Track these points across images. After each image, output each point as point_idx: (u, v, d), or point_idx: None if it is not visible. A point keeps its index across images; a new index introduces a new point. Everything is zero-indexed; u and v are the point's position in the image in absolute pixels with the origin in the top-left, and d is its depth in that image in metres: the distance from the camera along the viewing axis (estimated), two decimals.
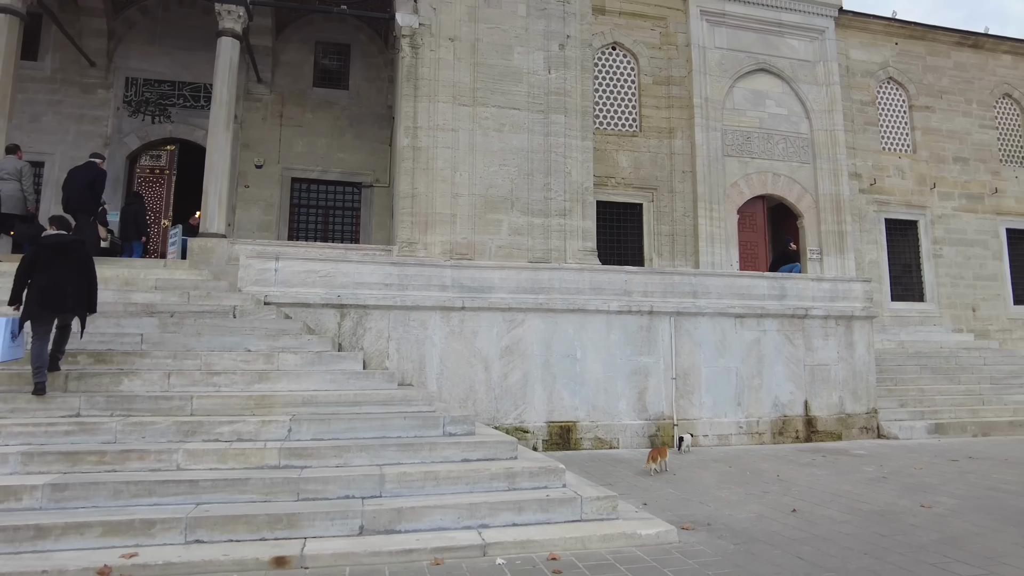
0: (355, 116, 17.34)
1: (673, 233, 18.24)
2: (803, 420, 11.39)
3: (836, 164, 19.42)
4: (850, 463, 8.99)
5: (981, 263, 20.65)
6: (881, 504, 6.40)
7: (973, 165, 21.19)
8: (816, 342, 11.65)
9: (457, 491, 5.58)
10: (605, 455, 9.77)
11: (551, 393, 10.38)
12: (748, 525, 5.63)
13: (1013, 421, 12.16)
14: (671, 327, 10.96)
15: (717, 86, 18.87)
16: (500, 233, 13.20)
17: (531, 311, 10.48)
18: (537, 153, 13.64)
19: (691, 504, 6.46)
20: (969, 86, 21.75)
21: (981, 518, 5.84)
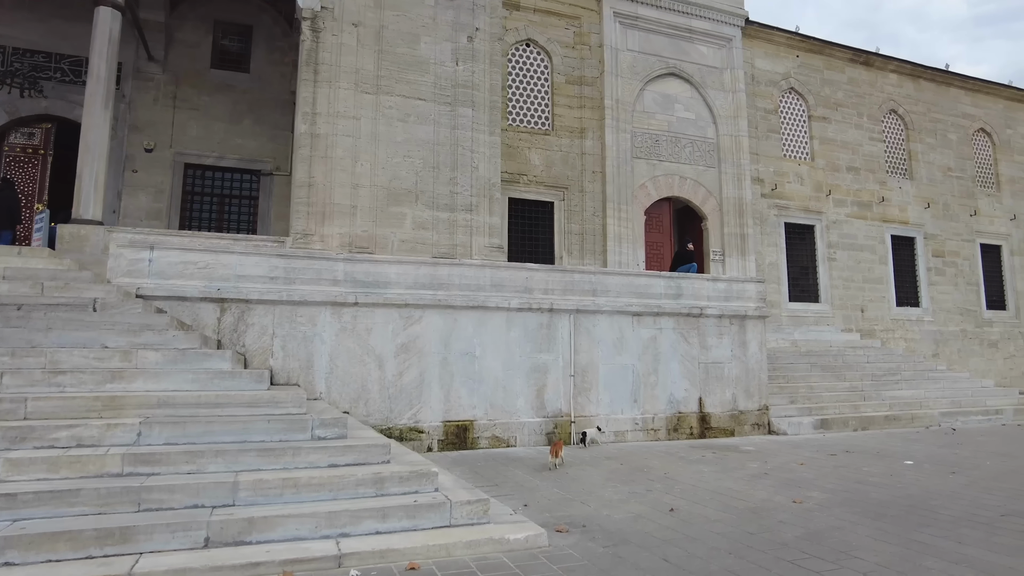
0: (256, 101, 16.47)
1: (583, 232, 18.35)
2: (697, 417, 11.62)
3: (740, 169, 20.10)
4: (737, 459, 9.18)
5: (869, 267, 21.90)
6: (757, 501, 6.49)
7: (863, 175, 22.44)
8: (711, 340, 11.90)
9: (319, 498, 5.22)
10: (501, 454, 9.59)
11: (448, 392, 10.11)
12: (624, 526, 5.54)
13: (888, 415, 12.85)
14: (571, 325, 10.92)
15: (628, 88, 19.13)
16: (403, 227, 12.81)
17: (429, 308, 10.16)
18: (443, 146, 13.32)
19: (573, 504, 6.34)
20: (861, 100, 23.02)
21: (845, 512, 5.99)
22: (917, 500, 6.51)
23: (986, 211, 24.84)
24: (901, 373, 15.42)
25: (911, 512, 6.00)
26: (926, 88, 24.54)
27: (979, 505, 6.31)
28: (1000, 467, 8.50)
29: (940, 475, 7.93)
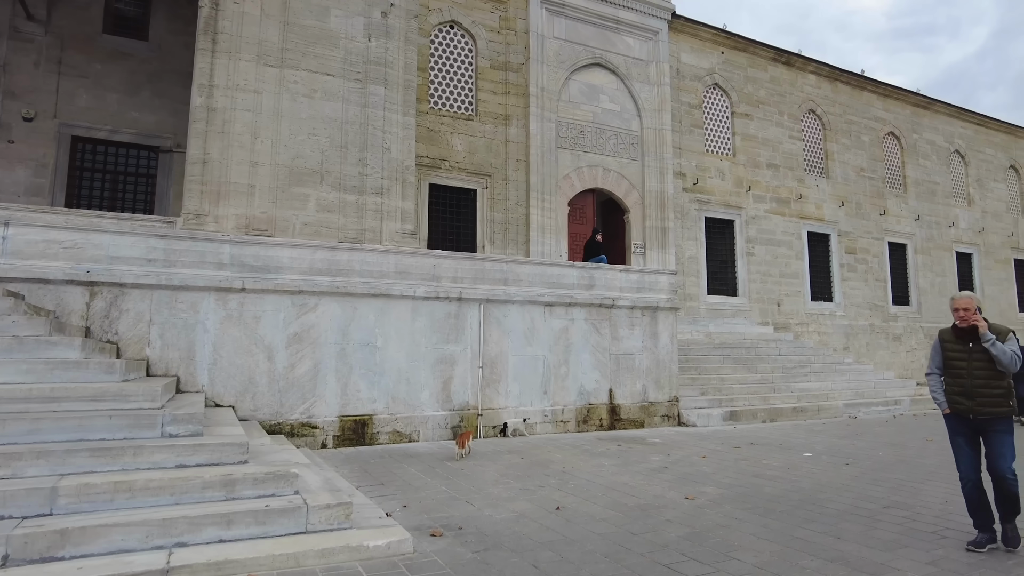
0: (156, 72, 15.28)
1: (506, 221, 17.99)
2: (607, 408, 11.45)
3: (663, 162, 20.16)
4: (641, 452, 9.01)
5: (786, 262, 22.45)
6: (649, 497, 6.26)
7: (783, 172, 22.96)
8: (622, 331, 11.75)
9: (158, 504, 4.62)
10: (401, 450, 9.11)
11: (346, 385, 9.54)
12: (503, 527, 5.18)
13: (796, 407, 13.07)
14: (480, 314, 10.52)
15: (554, 77, 18.85)
16: (307, 209, 12.08)
17: (326, 295, 9.56)
18: (353, 125, 12.65)
19: (457, 504, 5.95)
20: (782, 99, 23.53)
21: (735, 508, 5.83)
22: (808, 494, 6.44)
23: (894, 211, 25.92)
24: (811, 365, 15.78)
25: (800, 507, 5.89)
26: (842, 91, 25.34)
27: (865, 497, 6.27)
28: (891, 457, 8.63)
29: (835, 467, 7.95)
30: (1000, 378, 4.69)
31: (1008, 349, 4.60)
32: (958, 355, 4.84)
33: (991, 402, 4.69)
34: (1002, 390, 4.69)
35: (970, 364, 4.77)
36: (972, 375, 4.74)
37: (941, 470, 7.74)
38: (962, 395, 4.78)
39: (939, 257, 27.13)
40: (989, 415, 4.69)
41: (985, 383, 4.71)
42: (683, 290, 20.12)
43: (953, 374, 4.86)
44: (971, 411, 4.74)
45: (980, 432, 4.81)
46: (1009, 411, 4.68)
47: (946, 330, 5.03)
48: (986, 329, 4.68)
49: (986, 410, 4.70)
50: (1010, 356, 4.57)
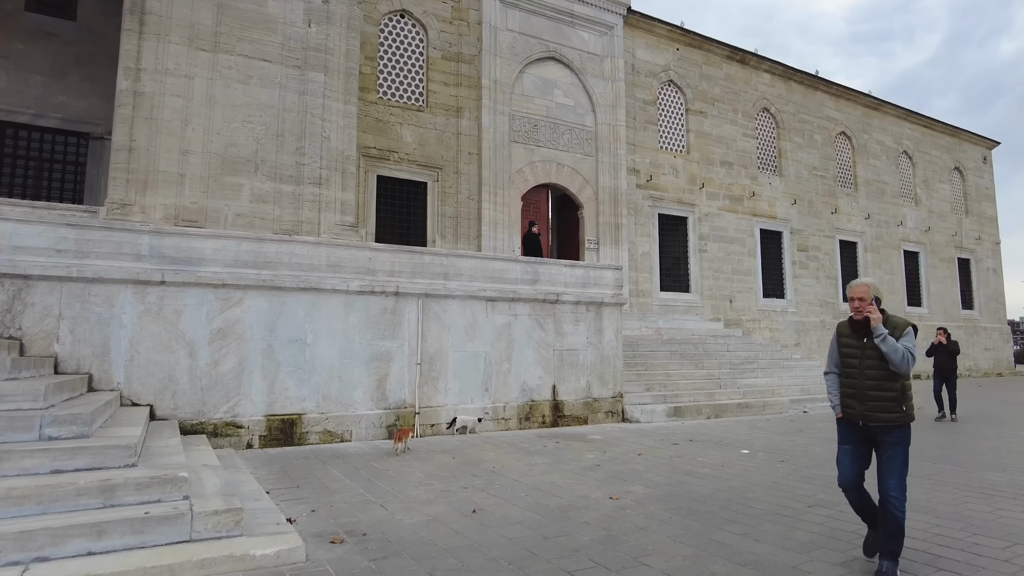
0: (85, 54, 14.55)
1: (457, 215, 17.68)
2: (551, 405, 11.25)
3: (616, 159, 20.08)
4: (577, 450, 8.81)
5: (739, 259, 22.61)
6: (573, 497, 6.05)
7: (736, 169, 23.11)
8: (567, 327, 11.56)
9: (22, 514, 4.21)
10: (330, 450, 8.75)
11: (273, 383, 9.13)
12: (410, 532, 4.90)
13: (741, 403, 13.07)
14: (419, 310, 10.20)
15: (507, 69, 18.59)
16: (240, 199, 11.60)
17: (253, 288, 9.12)
18: (290, 112, 12.19)
19: (370, 507, 5.64)
20: (736, 97, 23.67)
21: (658, 508, 5.65)
22: (736, 493, 6.30)
23: (845, 209, 26.35)
24: (758, 361, 15.84)
25: (725, 507, 5.74)
26: (796, 90, 25.64)
27: (793, 496, 6.16)
28: (827, 453, 8.59)
29: (769, 464, 7.86)
30: (892, 379, 4.03)
31: (901, 346, 3.94)
32: (852, 351, 4.20)
33: (882, 407, 4.04)
34: (894, 393, 4.03)
35: (862, 362, 4.12)
36: (864, 375, 4.10)
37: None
38: (853, 398, 4.15)
39: (888, 255, 27.71)
40: (880, 422, 4.05)
41: (876, 384, 4.06)
42: (636, 286, 20.09)
43: (846, 373, 4.23)
44: (861, 416, 4.11)
45: (872, 443, 4.16)
46: (900, 418, 4.02)
47: (843, 323, 4.35)
48: (879, 322, 4.01)
49: (877, 415, 4.05)
50: (901, 354, 3.93)
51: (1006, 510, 5.66)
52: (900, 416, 4.03)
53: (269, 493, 6.10)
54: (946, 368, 12.64)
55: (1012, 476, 7.15)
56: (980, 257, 31.67)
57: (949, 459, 8.27)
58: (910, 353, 3.96)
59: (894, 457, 4.05)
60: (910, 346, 3.99)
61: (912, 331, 4.05)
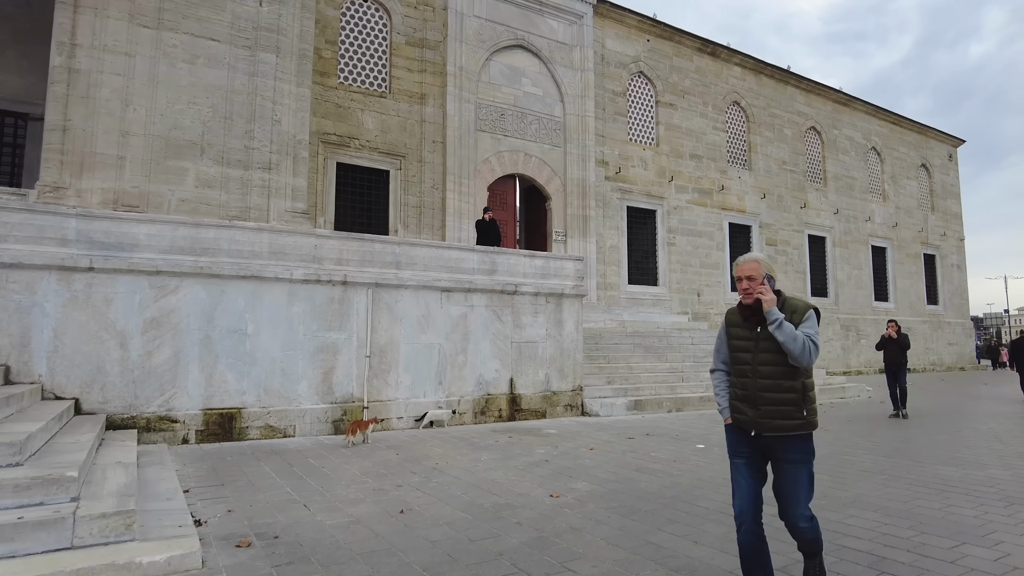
0: (24, 31, 13.83)
1: (421, 205, 17.27)
2: (507, 398, 10.94)
3: (585, 150, 19.80)
4: (528, 445, 8.52)
5: (707, 252, 22.51)
6: (511, 496, 5.74)
7: (706, 163, 22.98)
8: (525, 319, 11.25)
9: None
10: (270, 445, 8.34)
11: (211, 375, 8.68)
12: (327, 535, 4.55)
13: (704, 396, 12.88)
14: (368, 300, 9.80)
15: (473, 57, 18.18)
16: (185, 184, 11.07)
17: (190, 276, 8.66)
18: (239, 94, 11.67)
19: (292, 508, 5.27)
20: (707, 90, 23.52)
21: (598, 507, 5.36)
22: (684, 490, 6.04)
23: (814, 204, 26.42)
24: None
25: (670, 505, 5.47)
26: (767, 84, 25.58)
27: None
28: None
29: (723, 460, 7.60)
30: (792, 377, 3.19)
31: (801, 334, 3.12)
32: (743, 343, 3.34)
33: (779, 412, 3.18)
34: (793, 395, 3.19)
35: (756, 356, 3.26)
36: (757, 372, 3.25)
37: (827, 461, 7.52)
38: (745, 400, 3.30)
39: (856, 250, 27.87)
40: (777, 431, 3.19)
41: (773, 384, 3.20)
42: (604, 279, 19.87)
43: (737, 371, 3.37)
44: (753, 424, 3.25)
45: (768, 456, 3.31)
46: (802, 426, 3.19)
47: (732, 310, 3.49)
48: (773, 305, 3.19)
49: (773, 423, 3.18)
50: (802, 344, 3.10)
51: (957, 507, 5.47)
52: (801, 423, 3.19)
53: (188, 492, 5.70)
54: (896, 363, 12.10)
55: (965, 471, 7.01)
56: (945, 253, 32.05)
57: (905, 453, 8.13)
58: (812, 342, 3.13)
59: (798, 480, 3.22)
60: (812, 334, 3.16)
61: (814, 316, 3.26)
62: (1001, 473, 6.89)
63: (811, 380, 3.29)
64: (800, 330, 3.16)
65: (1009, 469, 7.10)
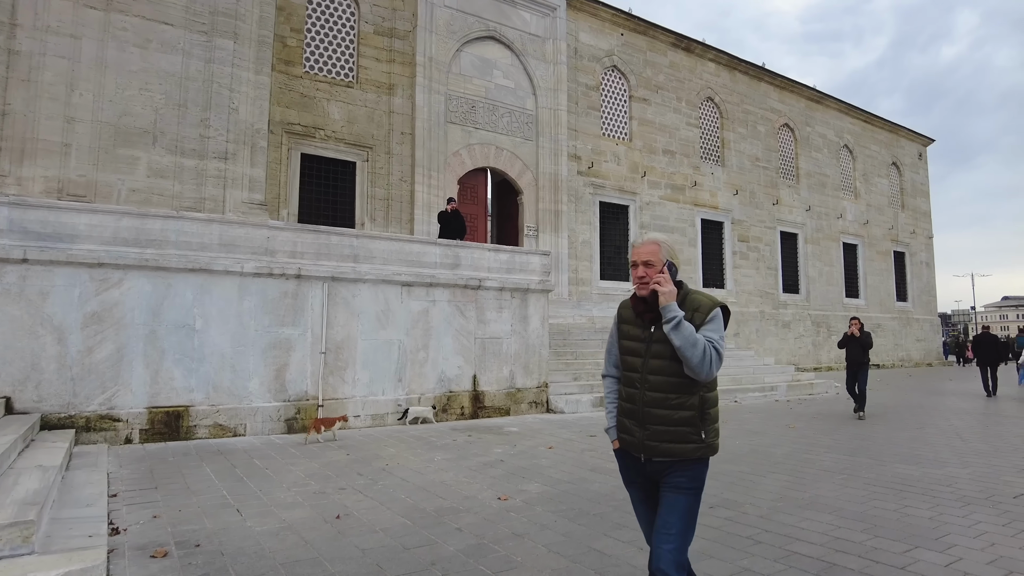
0: None
1: (388, 198, 16.93)
2: (470, 396, 10.71)
3: (557, 144, 19.59)
4: (487, 444, 8.29)
5: (679, 249, 22.40)
6: (458, 499, 5.51)
7: (678, 159, 22.90)
8: (490, 314, 11.02)
9: None
10: (217, 445, 8.02)
11: (157, 372, 8.33)
12: (252, 543, 4.28)
13: None
14: (324, 294, 9.49)
15: (444, 47, 17.86)
16: (136, 174, 10.66)
17: (134, 269, 8.28)
18: (194, 81, 11.27)
19: (223, 513, 4.99)
20: (681, 85, 23.43)
21: (546, 511, 5.15)
22: None
23: (787, 201, 26.51)
24: None
25: (621, 508, 5.28)
26: (740, 80, 25.57)
27: None
28: (744, 447, 8.29)
29: None
30: (686, 390, 2.55)
31: (702, 338, 2.49)
32: (634, 345, 2.69)
33: (671, 434, 2.55)
34: (689, 413, 2.55)
35: (646, 363, 2.62)
36: (646, 382, 2.61)
37: (788, 460, 7.41)
38: (632, 417, 2.66)
39: (827, 247, 28.04)
40: (665, 456, 2.56)
41: (663, 399, 2.57)
42: (575, 275, 19.71)
43: (626, 379, 2.73)
44: (641, 447, 2.61)
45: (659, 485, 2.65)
46: (698, 451, 2.56)
47: (626, 303, 2.82)
48: (673, 299, 2.55)
49: (663, 446, 2.55)
50: (702, 351, 2.47)
51: (912, 507, 5.36)
52: (696, 447, 2.55)
53: (116, 496, 5.40)
54: (857, 362, 11.61)
55: (924, 469, 6.93)
56: (914, 251, 32.44)
57: (866, 451, 8.05)
58: (714, 349, 2.51)
59: (674, 507, 2.54)
60: (715, 339, 2.54)
61: (720, 315, 2.62)
62: (959, 471, 6.82)
63: (714, 394, 2.65)
64: (702, 333, 2.52)
65: (967, 467, 7.04)
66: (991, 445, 8.56)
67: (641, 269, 2.66)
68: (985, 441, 8.92)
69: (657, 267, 2.63)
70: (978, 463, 7.29)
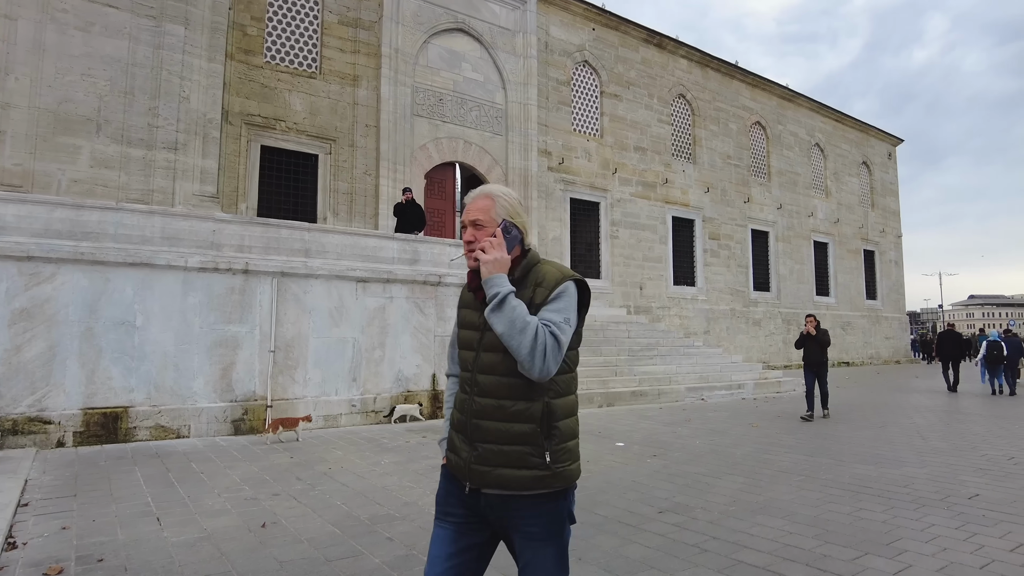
0: None
1: (352, 192, 16.54)
2: (429, 395, 10.42)
3: (527, 139, 19.34)
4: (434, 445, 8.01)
5: (650, 246, 22.34)
6: (395, 506, 5.23)
7: (650, 155, 22.78)
8: (450, 311, 10.72)
9: None
10: (157, 448, 7.64)
11: (93, 371, 7.91)
12: (163, 556, 3.97)
13: (635, 391, 12.61)
14: (273, 290, 9.13)
15: (411, 38, 17.50)
16: (78, 163, 10.18)
17: (69, 263, 7.85)
18: (142, 68, 10.80)
19: (140, 522, 4.66)
20: (652, 82, 23.31)
21: None
22: (587, 495, 5.63)
23: (758, 199, 26.56)
24: (658, 348, 15.49)
25: None
26: (713, 77, 25.54)
27: (647, 498, 5.54)
28: (705, 447, 8.12)
29: (639, 459, 7.28)
30: (525, 395, 1.89)
31: (534, 321, 1.82)
32: (468, 334, 2.05)
33: (503, 455, 1.89)
34: (528, 426, 1.88)
35: (478, 358, 1.98)
36: (476, 384, 1.97)
37: (747, 461, 7.25)
38: (460, 430, 2.01)
39: (798, 245, 28.17)
40: (500, 488, 1.90)
41: (495, 406, 1.92)
42: None
43: (461, 381, 2.07)
44: (466, 473, 1.95)
45: (494, 527, 2.00)
46: (543, 481, 1.88)
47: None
48: (498, 270, 1.88)
49: (495, 473, 1.90)
50: (532, 336, 1.78)
51: (867, 510, 5.20)
52: (537, 476, 1.87)
53: (27, 505, 5.04)
54: (816, 362, 11.04)
55: (883, 469, 6.81)
56: (884, 249, 32.78)
57: (826, 451, 7.93)
58: (551, 336, 1.80)
59: (537, 566, 1.90)
60: (556, 321, 1.83)
61: (571, 291, 1.93)
62: (917, 471, 6.70)
63: (566, 400, 1.95)
64: (541, 314, 1.84)
65: (925, 467, 6.94)
66: (951, 443, 8.51)
67: (469, 232, 2.01)
68: (945, 439, 8.86)
69: (488, 229, 1.97)
70: (936, 462, 7.20)
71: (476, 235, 1.99)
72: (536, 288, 1.94)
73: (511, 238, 1.98)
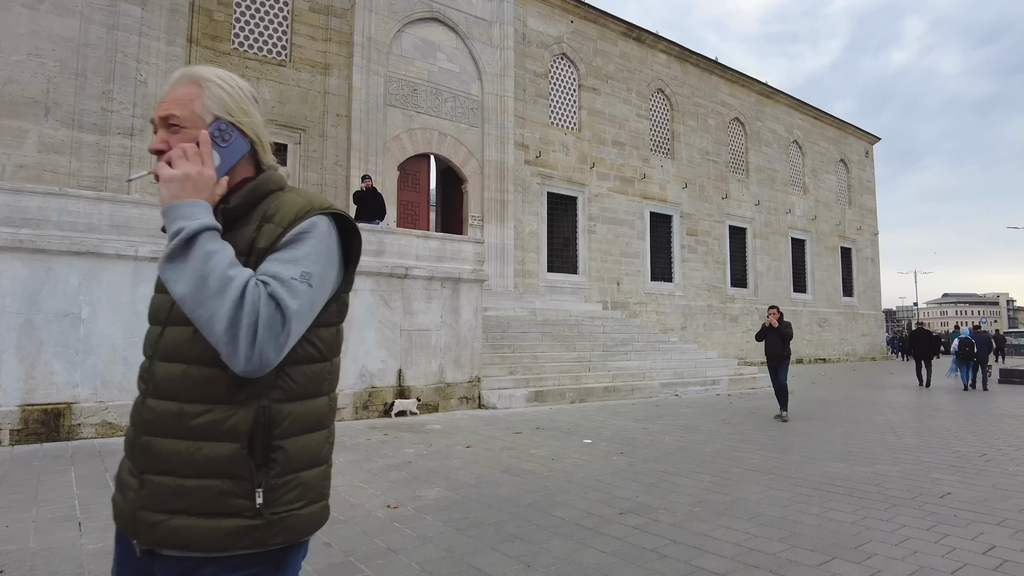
0: None
1: (323, 183, 16.14)
2: (395, 391, 10.10)
3: (504, 131, 19.03)
4: (401, 443, 7.72)
5: (628, 241, 22.17)
6: (343, 507, 4.93)
7: (628, 150, 22.59)
8: (418, 305, 10.42)
9: None
10: (101, 446, 7.26)
11: (34, 365, 7.50)
12: (72, 566, 3.64)
13: (608, 387, 12.39)
14: None
15: (384, 27, 17.10)
16: (25, 148, 9.71)
17: (7, 251, 7.43)
18: (95, 49, 10.33)
19: (57, 529, 4.31)
20: (631, 76, 23.11)
21: (437, 520, 4.62)
22: (546, 495, 5.38)
23: (736, 195, 26.51)
24: (633, 344, 15.29)
25: (520, 515, 4.78)
26: (692, 72, 25.41)
27: (608, 498, 5.30)
28: (673, 444, 7.90)
29: (605, 457, 7.04)
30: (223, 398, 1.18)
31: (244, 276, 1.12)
32: (159, 298, 1.31)
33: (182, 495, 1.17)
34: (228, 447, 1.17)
35: (161, 336, 1.26)
36: (152, 376, 1.25)
37: (716, 459, 7.04)
38: (129, 455, 1.27)
39: (776, 242, 28.19)
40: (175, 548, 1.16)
41: (175, 414, 1.19)
42: (522, 267, 19.22)
43: (140, 369, 1.33)
44: (131, 524, 1.21)
45: None
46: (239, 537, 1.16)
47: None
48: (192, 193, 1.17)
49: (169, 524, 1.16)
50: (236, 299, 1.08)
51: (836, 511, 5.00)
52: (244, 528, 1.17)
53: None
54: (776, 354, 10.39)
55: (854, 467, 6.63)
56: (860, 247, 32.96)
57: (798, 448, 7.75)
58: (271, 299, 1.11)
59: None
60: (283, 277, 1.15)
61: (325, 228, 1.25)
62: (889, 469, 6.53)
63: (306, 406, 1.27)
64: (267, 264, 1.18)
65: (897, 464, 6.77)
66: (923, 440, 8.38)
67: (160, 136, 1.27)
68: (917, 435, 8.74)
69: (189, 132, 1.24)
70: (908, 460, 7.04)
71: (169, 140, 1.25)
72: (263, 225, 1.23)
73: (229, 148, 1.25)
